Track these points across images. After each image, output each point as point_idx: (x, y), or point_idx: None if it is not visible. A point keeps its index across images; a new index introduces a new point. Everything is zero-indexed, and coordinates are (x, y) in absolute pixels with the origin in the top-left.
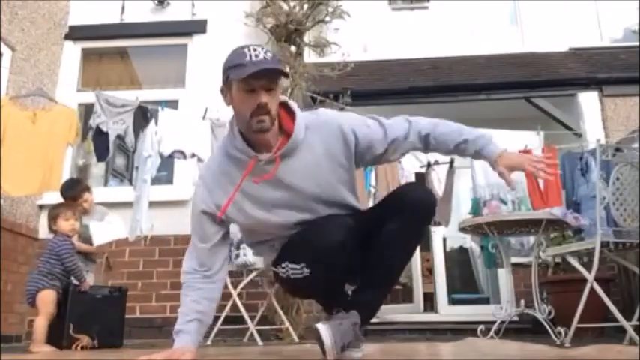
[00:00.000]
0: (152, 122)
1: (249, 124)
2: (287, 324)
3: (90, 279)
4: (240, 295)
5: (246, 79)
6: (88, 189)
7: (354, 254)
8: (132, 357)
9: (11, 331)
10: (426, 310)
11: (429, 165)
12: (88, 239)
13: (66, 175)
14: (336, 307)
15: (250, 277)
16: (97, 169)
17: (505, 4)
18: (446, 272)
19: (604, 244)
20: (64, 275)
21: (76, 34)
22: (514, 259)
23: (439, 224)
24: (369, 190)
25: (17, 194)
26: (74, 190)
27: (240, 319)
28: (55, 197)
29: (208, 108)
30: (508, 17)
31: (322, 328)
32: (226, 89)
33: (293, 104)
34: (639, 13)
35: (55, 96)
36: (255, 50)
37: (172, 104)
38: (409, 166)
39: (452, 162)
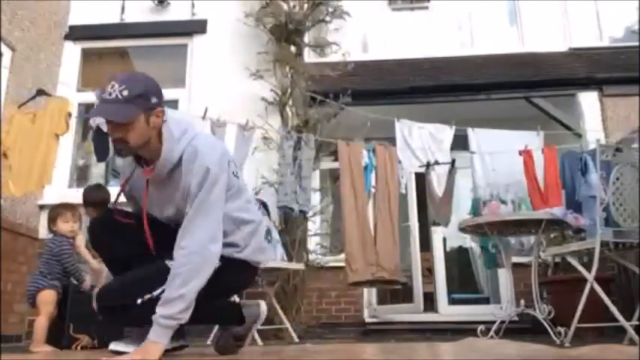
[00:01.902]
0: None
1: (115, 149)
2: (287, 324)
3: (88, 280)
4: (240, 295)
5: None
6: (109, 199)
7: None
8: (133, 357)
9: (11, 331)
10: (426, 310)
11: (428, 165)
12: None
13: (65, 174)
14: None
15: None
16: (97, 169)
17: (505, 4)
18: (446, 272)
19: (604, 244)
20: (64, 275)
21: (76, 34)
22: (514, 259)
23: (439, 224)
24: (370, 191)
25: (20, 194)
26: (97, 197)
27: None
28: (55, 197)
29: (208, 108)
30: (508, 17)
31: None
32: None
33: (170, 131)
34: (639, 13)
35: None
36: (113, 88)
37: (172, 104)
38: (409, 166)
39: (453, 162)
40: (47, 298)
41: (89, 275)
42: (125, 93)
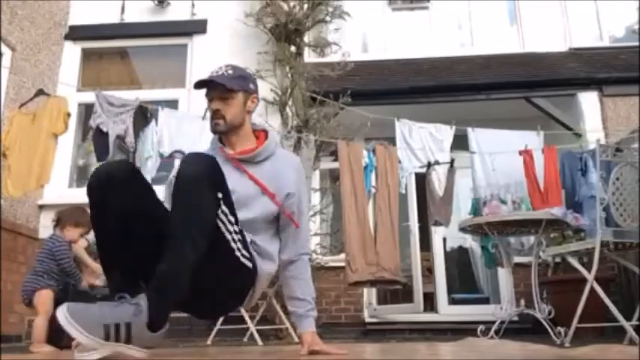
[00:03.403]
0: (152, 122)
1: (211, 125)
2: (287, 324)
3: (85, 281)
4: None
5: (207, 91)
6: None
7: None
8: (131, 357)
9: (11, 331)
10: (426, 310)
11: (429, 165)
12: (95, 254)
13: (65, 174)
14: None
15: None
16: None
17: (505, 4)
18: (446, 272)
19: (604, 244)
20: (61, 275)
21: (76, 34)
22: (514, 259)
23: (439, 224)
24: (370, 190)
25: (18, 195)
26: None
27: (240, 319)
28: (55, 197)
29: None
30: (508, 17)
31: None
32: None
33: (272, 133)
34: (639, 13)
35: None
36: (221, 68)
37: (172, 104)
38: (409, 166)
39: (452, 162)
40: (45, 298)
41: (87, 276)
42: (231, 72)
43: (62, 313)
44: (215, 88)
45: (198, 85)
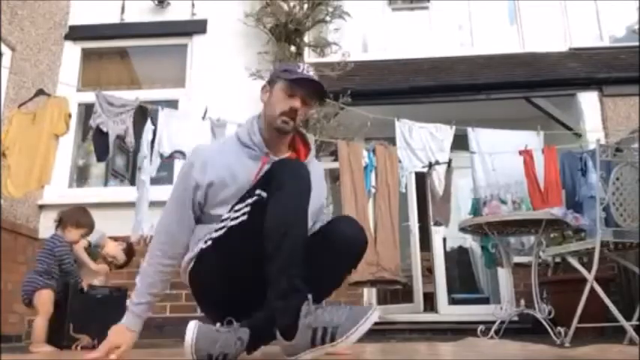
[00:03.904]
0: (148, 122)
1: (275, 120)
2: None
3: (85, 281)
4: None
5: (292, 85)
6: None
7: None
8: (132, 357)
9: (11, 331)
10: (426, 310)
11: (430, 165)
12: (94, 254)
13: (65, 174)
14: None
15: None
16: (97, 169)
17: (505, 4)
18: (446, 272)
19: (604, 244)
20: (61, 275)
21: (76, 34)
22: (514, 259)
23: (439, 224)
24: (369, 190)
25: (18, 195)
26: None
27: None
28: (56, 197)
29: (208, 108)
30: (508, 17)
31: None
32: (269, 87)
33: (310, 137)
34: (639, 13)
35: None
36: (308, 68)
37: (172, 104)
38: (409, 166)
39: (450, 162)
40: (45, 298)
41: (87, 276)
42: (316, 75)
43: (190, 331)
44: (311, 88)
45: (301, 80)
